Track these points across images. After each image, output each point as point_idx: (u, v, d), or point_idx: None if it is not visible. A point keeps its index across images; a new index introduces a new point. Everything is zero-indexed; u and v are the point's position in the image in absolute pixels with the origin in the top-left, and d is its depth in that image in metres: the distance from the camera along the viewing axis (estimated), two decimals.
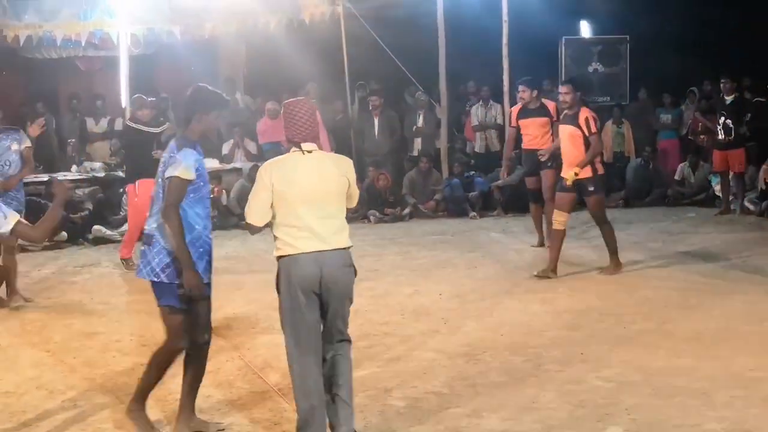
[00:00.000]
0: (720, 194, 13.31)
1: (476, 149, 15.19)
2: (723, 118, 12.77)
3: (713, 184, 13.83)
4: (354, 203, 5.09)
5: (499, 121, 14.59)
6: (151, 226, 5.11)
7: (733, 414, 5.27)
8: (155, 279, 5.06)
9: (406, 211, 13.97)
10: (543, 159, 10.29)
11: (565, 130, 9.14)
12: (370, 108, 14.78)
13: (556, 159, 9.94)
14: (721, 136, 12.86)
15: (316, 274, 4.76)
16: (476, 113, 15.07)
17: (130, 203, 10.71)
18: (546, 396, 5.68)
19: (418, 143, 14.99)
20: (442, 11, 14.31)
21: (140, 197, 9.82)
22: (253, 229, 4.93)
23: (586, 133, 8.88)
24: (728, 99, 12.82)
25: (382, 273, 9.73)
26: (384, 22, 14.69)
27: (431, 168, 14.42)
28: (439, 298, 8.53)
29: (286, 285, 4.81)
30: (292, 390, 4.92)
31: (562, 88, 9.46)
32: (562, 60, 15.79)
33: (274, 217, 4.84)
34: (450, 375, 6.14)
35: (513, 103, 14.18)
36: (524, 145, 10.71)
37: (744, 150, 12.85)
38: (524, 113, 10.56)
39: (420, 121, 14.97)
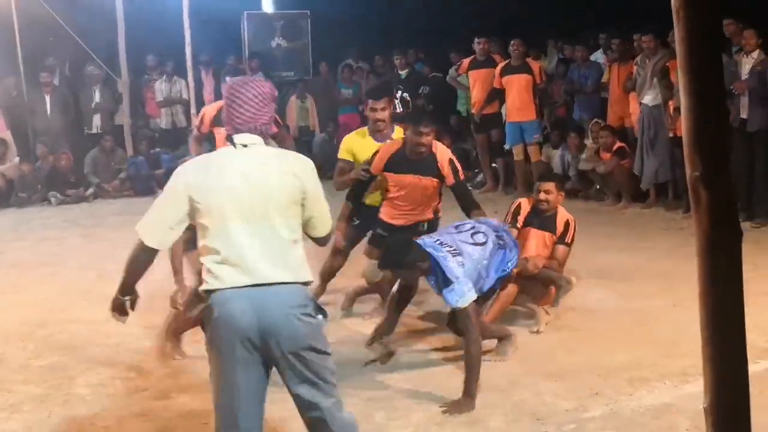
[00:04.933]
0: None
1: (162, 125, 14.86)
2: (399, 92, 13.35)
3: None
4: (321, 231, 3.71)
5: (185, 95, 14.33)
6: None
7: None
8: None
9: (90, 191, 13.47)
10: None
11: None
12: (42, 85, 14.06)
13: None
14: (399, 109, 13.41)
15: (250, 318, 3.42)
16: (160, 89, 14.75)
17: None
18: None
19: (97, 120, 14.47)
20: None
21: None
22: (139, 255, 3.67)
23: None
24: (402, 73, 13.41)
25: (65, 257, 9.34)
26: None
27: (114, 146, 14.01)
28: None
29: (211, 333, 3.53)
30: None
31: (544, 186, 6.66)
32: (245, 35, 15.81)
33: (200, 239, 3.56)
34: (138, 358, 6.02)
35: (197, 78, 14.05)
36: None
37: None
38: None
39: (97, 97, 14.46)
